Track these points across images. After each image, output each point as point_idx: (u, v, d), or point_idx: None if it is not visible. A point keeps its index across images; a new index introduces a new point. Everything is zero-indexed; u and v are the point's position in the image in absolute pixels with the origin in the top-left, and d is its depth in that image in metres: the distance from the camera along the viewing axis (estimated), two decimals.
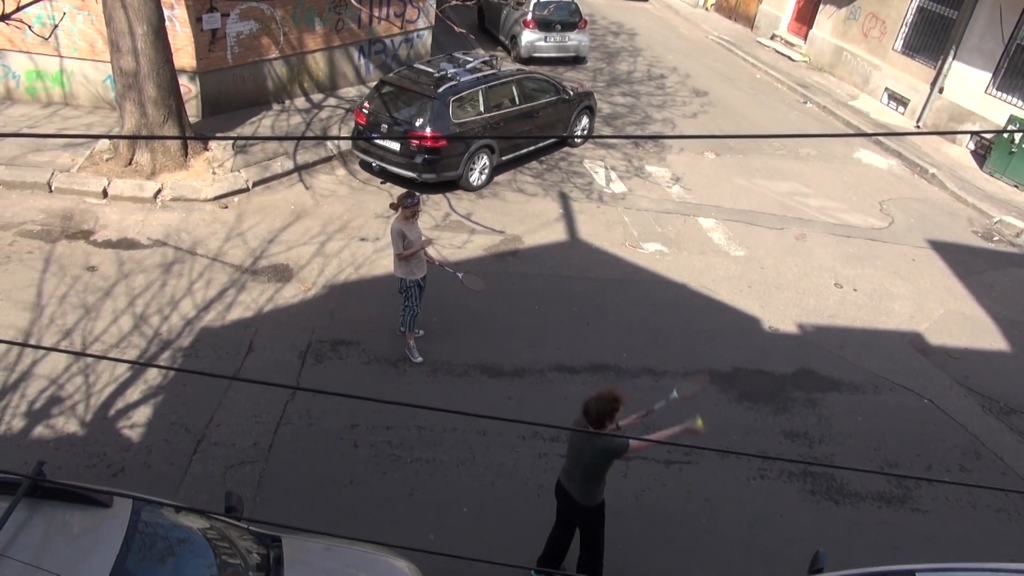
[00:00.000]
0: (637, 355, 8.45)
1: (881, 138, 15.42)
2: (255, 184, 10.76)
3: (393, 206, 7.38)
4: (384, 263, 9.24)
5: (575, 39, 17.19)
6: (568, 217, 11.08)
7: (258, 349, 7.79)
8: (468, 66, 11.60)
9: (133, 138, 10.35)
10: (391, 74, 11.85)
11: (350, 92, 14.16)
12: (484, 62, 12.01)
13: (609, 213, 11.33)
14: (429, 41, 15.64)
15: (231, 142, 11.37)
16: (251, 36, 12.31)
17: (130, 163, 10.53)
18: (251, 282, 8.79)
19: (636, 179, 12.51)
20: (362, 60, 14.45)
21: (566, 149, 13.22)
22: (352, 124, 12.25)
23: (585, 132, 13.39)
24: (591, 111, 13.42)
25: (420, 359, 7.88)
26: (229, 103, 12.43)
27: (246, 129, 12.10)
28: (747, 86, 17.95)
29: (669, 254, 10.50)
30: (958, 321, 9.99)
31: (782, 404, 8.09)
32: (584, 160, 12.93)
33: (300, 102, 13.41)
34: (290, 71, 13.23)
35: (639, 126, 14.58)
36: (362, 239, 9.86)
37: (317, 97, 13.73)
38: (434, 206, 10.85)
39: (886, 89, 17.56)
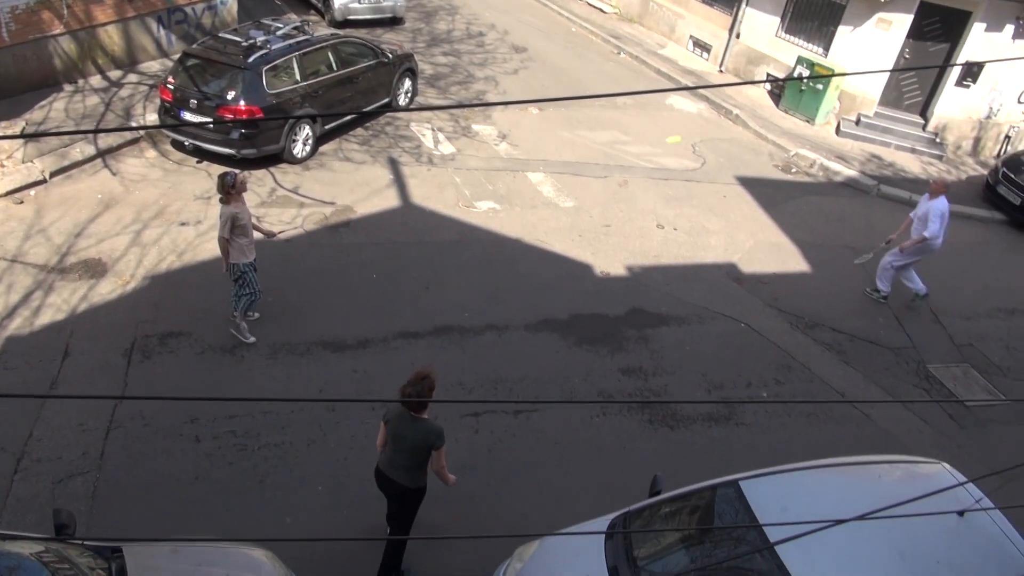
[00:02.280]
0: (479, 313, 8.63)
1: (691, 84, 16.35)
2: (53, 174, 9.86)
3: (221, 197, 7.04)
4: (209, 247, 8.81)
5: None
6: (399, 182, 11.00)
7: (76, 353, 7.25)
8: (279, 32, 11.10)
9: None
10: (195, 45, 11.15)
11: (152, 67, 13.17)
12: (296, 28, 11.53)
13: (440, 175, 11.36)
14: (235, 8, 14.78)
15: (19, 129, 10.32)
16: (28, 11, 11.12)
17: None
18: (60, 282, 8.11)
19: (464, 139, 12.59)
20: (162, 31, 13.46)
21: (391, 113, 13.04)
22: (157, 101, 11.44)
23: (409, 95, 13.27)
24: (413, 73, 13.29)
25: (252, 339, 7.64)
26: (11, 87, 11.21)
27: (35, 114, 11.00)
28: (564, 40, 18.38)
29: (502, 211, 10.71)
30: (766, 249, 10.93)
31: (618, 343, 8.57)
32: (411, 123, 12.83)
33: (96, 80, 12.32)
34: (80, 47, 12.10)
35: (462, 85, 14.61)
36: (182, 224, 9.33)
37: (115, 74, 12.67)
38: (258, 182, 10.41)
39: (691, 36, 18.57)
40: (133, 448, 6.41)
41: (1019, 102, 15.62)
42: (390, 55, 12.56)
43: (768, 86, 16.76)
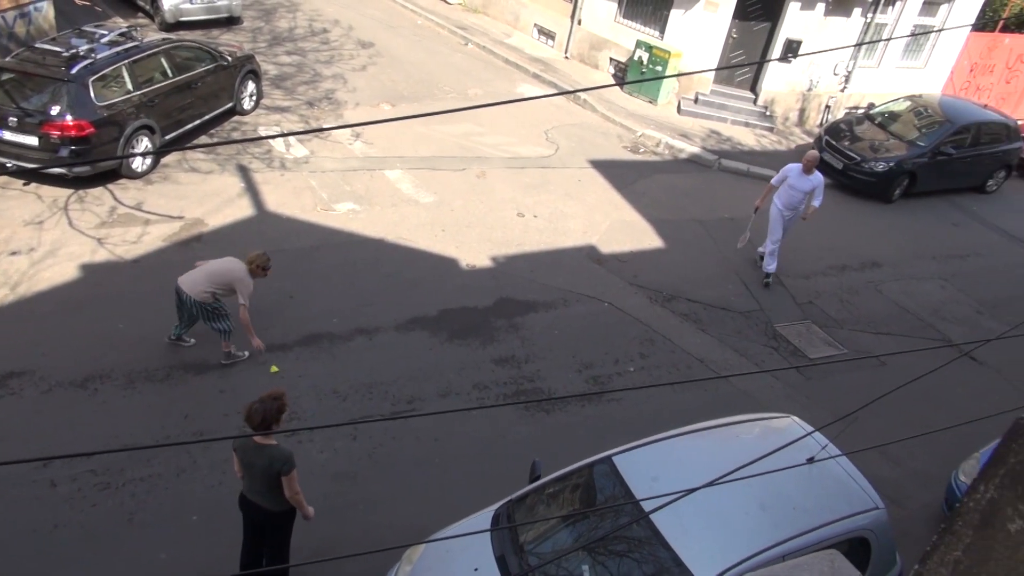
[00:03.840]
0: (347, 318, 8.52)
1: (538, 72, 16.70)
2: None
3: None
4: (46, 275, 8.20)
5: None
6: (252, 190, 10.62)
7: None
8: (104, 40, 10.41)
9: None
10: (9, 58, 10.27)
11: None
12: (122, 34, 10.84)
13: (294, 179, 11.06)
14: (52, 15, 13.70)
15: None
16: None
17: None
18: None
19: (316, 140, 12.30)
20: None
21: (237, 118, 12.54)
22: None
23: (254, 98, 12.80)
24: (256, 75, 12.81)
25: (247, 352, 7.64)
26: None
27: None
28: (410, 33, 18.26)
29: (362, 211, 10.57)
30: (622, 228, 11.39)
31: (489, 334, 8.71)
32: (259, 128, 12.39)
33: None
34: None
35: (310, 85, 14.24)
36: (12, 253, 8.61)
37: None
38: (96, 201, 9.76)
39: (535, 24, 18.93)
40: None
41: (834, 74, 17.01)
42: (229, 57, 12.06)
43: (611, 69, 17.37)
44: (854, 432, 6.06)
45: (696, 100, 16.45)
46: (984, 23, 19.50)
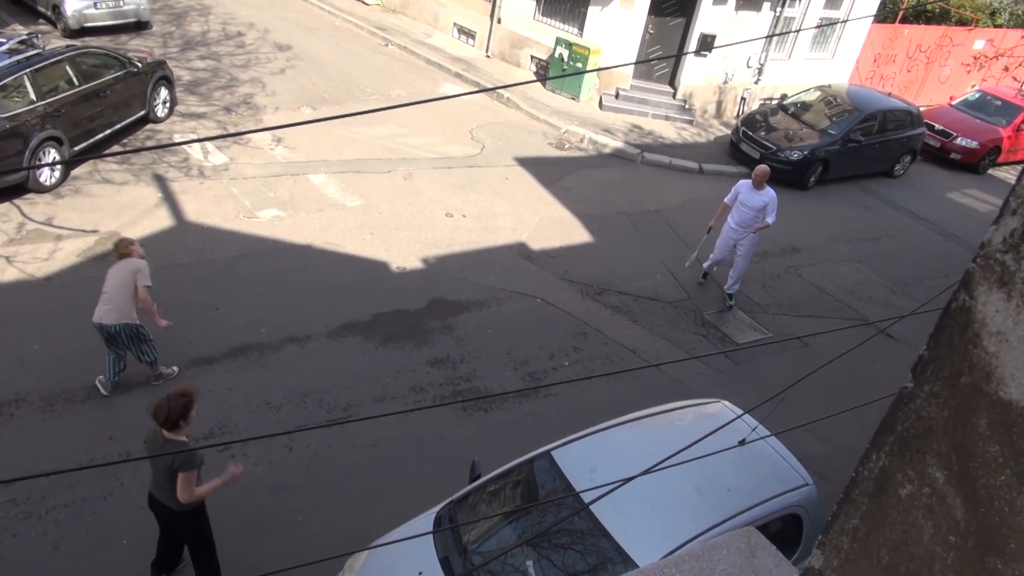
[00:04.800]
0: (277, 327, 8.34)
1: (460, 71, 16.68)
2: None
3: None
4: None
5: (133, 2, 15.55)
6: (170, 200, 10.29)
7: None
8: (2, 48, 9.92)
9: None
10: None
11: None
12: (22, 41, 10.36)
13: (215, 187, 10.76)
14: None
15: None
16: None
17: None
18: None
19: (236, 147, 11.99)
20: None
21: (151, 126, 12.12)
22: None
23: (168, 105, 12.39)
24: (169, 81, 12.41)
25: (175, 368, 7.43)
26: None
27: None
28: (329, 35, 17.98)
29: (287, 217, 10.37)
30: (551, 225, 11.49)
31: (423, 336, 8.66)
32: (174, 135, 12.01)
33: None
34: None
35: (227, 90, 13.88)
36: None
37: None
38: (2, 217, 9.30)
39: (455, 24, 18.90)
40: None
41: (748, 67, 17.53)
42: (140, 64, 11.65)
43: (533, 67, 17.48)
44: (782, 412, 6.27)
45: (617, 96, 16.71)
46: (885, 15, 20.42)
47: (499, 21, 17.72)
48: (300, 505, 6.40)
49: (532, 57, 17.46)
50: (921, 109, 17.67)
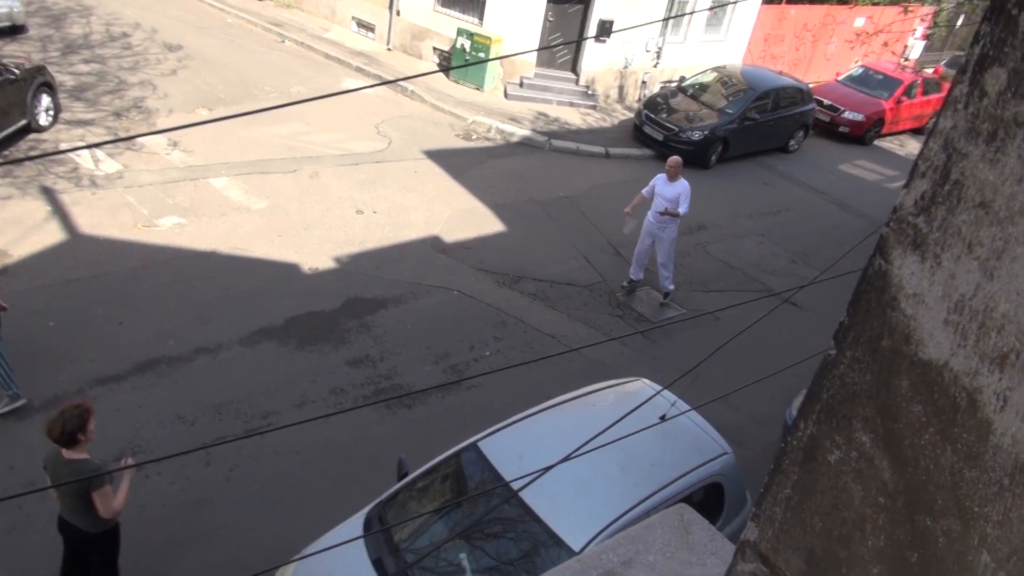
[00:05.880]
0: (186, 339, 8.04)
1: (362, 65, 16.40)
2: None
3: None
4: None
5: (5, 5, 14.59)
6: (60, 213, 9.74)
7: None
8: None
9: None
10: None
11: None
12: None
13: (108, 197, 10.25)
14: None
15: None
16: None
17: None
18: None
19: (129, 153, 11.45)
20: None
21: (34, 136, 11.42)
22: None
23: (51, 112, 11.71)
24: (50, 87, 11.71)
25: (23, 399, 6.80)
26: None
27: None
28: (221, 33, 17.35)
29: (189, 224, 9.98)
30: (463, 216, 11.47)
31: (340, 337, 8.51)
32: (60, 143, 11.36)
33: None
34: None
35: (115, 94, 13.22)
36: None
37: None
38: None
39: (353, 17, 18.56)
40: None
41: (647, 51, 17.90)
42: (17, 70, 10.95)
43: (436, 58, 17.36)
44: (698, 386, 6.45)
45: (521, 84, 16.78)
46: None
47: (398, 13, 17.50)
48: (222, 519, 6.21)
49: (434, 48, 17.33)
50: (811, 86, 18.46)
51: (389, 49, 17.79)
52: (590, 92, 17.27)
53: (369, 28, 18.28)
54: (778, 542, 1.30)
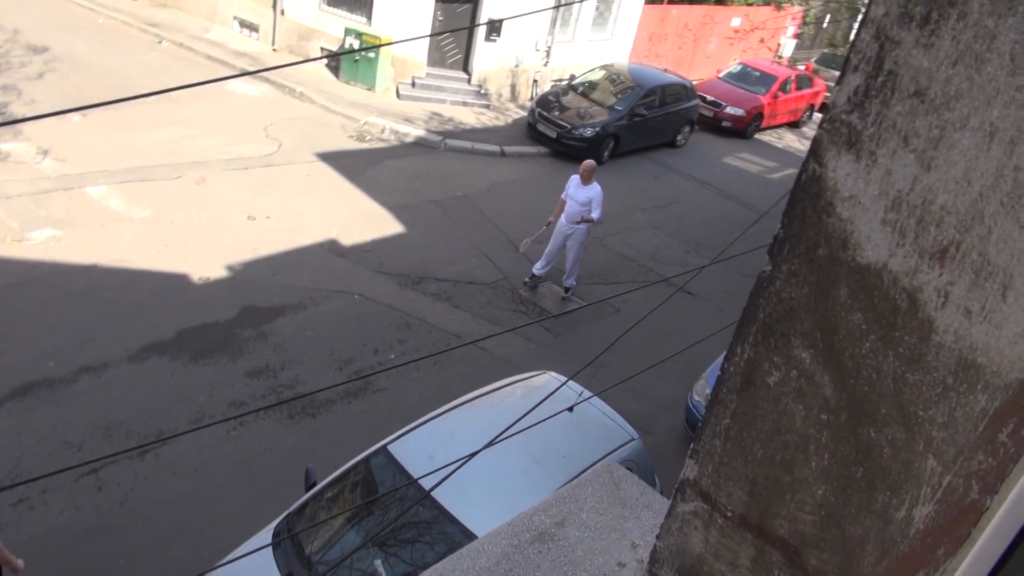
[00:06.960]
0: (67, 359, 7.53)
1: (247, 66, 15.85)
2: None
3: None
4: None
5: None
6: None
7: None
8: None
9: None
10: None
11: None
12: None
13: None
14: None
15: None
16: None
17: None
18: None
19: None
20: None
21: None
22: None
23: None
24: None
25: None
26: None
27: None
28: (93, 34, 16.38)
29: (65, 237, 9.37)
30: (360, 218, 11.26)
31: (237, 348, 8.20)
32: None
33: None
34: None
35: None
36: None
37: None
38: None
39: (235, 17, 17.91)
40: None
41: (536, 50, 18.12)
42: None
43: (325, 60, 16.98)
44: (603, 375, 6.60)
45: (414, 84, 16.65)
46: None
47: (283, 13, 17.02)
48: (120, 549, 5.85)
49: (322, 49, 16.93)
50: (694, 82, 19.15)
51: (275, 50, 17.27)
52: (483, 91, 17.32)
53: (253, 28, 17.69)
54: (719, 476, 1.25)
